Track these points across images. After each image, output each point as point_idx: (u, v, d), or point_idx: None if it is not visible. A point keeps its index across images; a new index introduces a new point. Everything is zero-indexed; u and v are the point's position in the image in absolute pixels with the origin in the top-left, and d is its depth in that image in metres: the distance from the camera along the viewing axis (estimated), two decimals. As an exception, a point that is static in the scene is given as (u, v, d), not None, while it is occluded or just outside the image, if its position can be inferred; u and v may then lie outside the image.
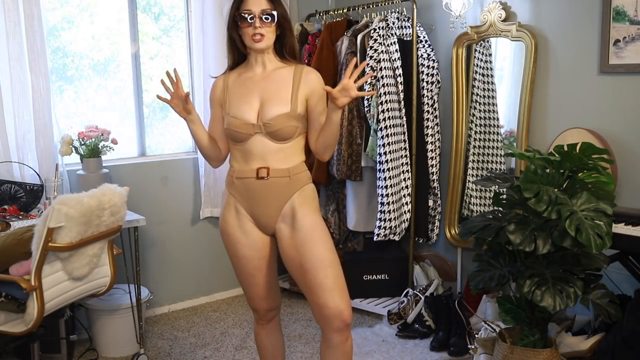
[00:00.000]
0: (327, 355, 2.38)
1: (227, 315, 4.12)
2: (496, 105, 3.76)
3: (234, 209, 2.44)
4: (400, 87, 3.83)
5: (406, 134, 3.89)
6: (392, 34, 3.83)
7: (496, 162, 3.77)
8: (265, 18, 2.31)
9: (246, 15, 2.31)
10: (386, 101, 3.76)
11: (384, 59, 3.78)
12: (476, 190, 3.83)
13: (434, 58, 3.82)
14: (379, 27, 3.82)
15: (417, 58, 3.83)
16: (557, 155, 2.56)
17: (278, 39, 2.40)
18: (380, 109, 3.76)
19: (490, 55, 3.74)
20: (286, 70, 2.40)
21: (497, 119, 3.77)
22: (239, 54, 2.44)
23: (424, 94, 3.85)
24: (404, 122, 3.87)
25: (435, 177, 3.94)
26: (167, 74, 2.44)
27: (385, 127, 3.75)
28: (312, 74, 2.41)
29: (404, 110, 3.87)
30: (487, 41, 3.70)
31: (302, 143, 2.45)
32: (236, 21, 2.35)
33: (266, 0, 2.33)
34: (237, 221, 2.44)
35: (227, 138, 2.48)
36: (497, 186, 2.80)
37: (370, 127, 3.86)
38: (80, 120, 3.83)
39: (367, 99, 3.84)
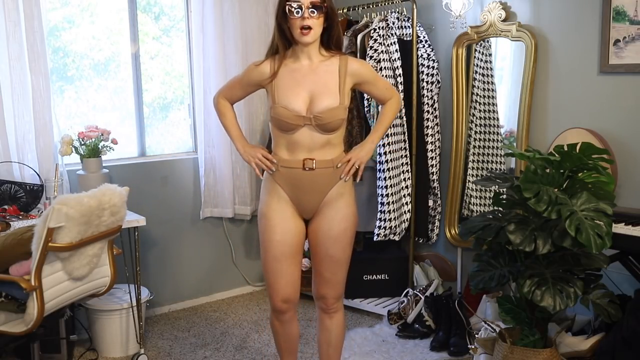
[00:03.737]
0: (318, 330, 2.78)
1: (227, 315, 4.12)
2: (496, 105, 3.76)
3: (277, 195, 2.56)
4: (400, 87, 3.83)
5: (406, 134, 3.89)
6: (392, 34, 3.83)
7: (496, 162, 3.77)
8: (312, 11, 2.39)
9: (295, 7, 2.40)
10: (386, 101, 3.76)
11: (384, 59, 3.78)
12: (476, 190, 3.83)
13: (434, 58, 3.82)
14: (379, 27, 3.81)
15: (417, 58, 3.83)
16: (557, 155, 2.56)
17: (325, 31, 2.49)
18: (380, 109, 3.75)
19: (490, 55, 3.74)
20: (331, 62, 2.52)
21: (497, 119, 3.77)
22: (287, 42, 2.51)
23: (424, 94, 3.85)
24: (404, 122, 3.87)
25: (435, 177, 3.93)
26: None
27: (385, 127, 3.75)
28: (356, 63, 2.56)
29: (404, 110, 3.86)
30: (487, 41, 3.69)
31: (344, 132, 2.60)
32: (285, 12, 2.43)
33: None
34: (279, 206, 2.56)
35: (237, 101, 2.73)
36: (497, 186, 2.80)
37: (371, 127, 3.86)
38: (80, 120, 3.83)
39: (367, 99, 3.84)
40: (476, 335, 3.23)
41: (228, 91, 2.71)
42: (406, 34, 3.89)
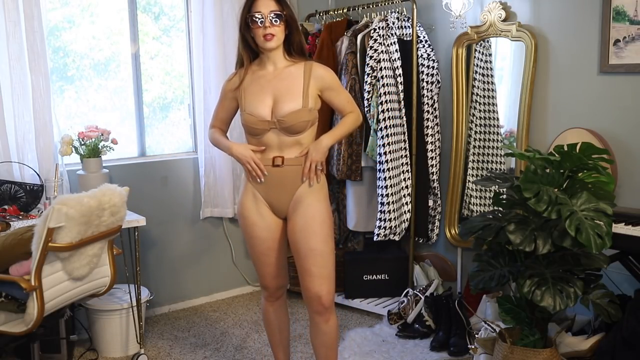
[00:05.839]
0: (312, 333, 2.72)
1: (227, 315, 4.12)
2: (496, 105, 3.76)
3: (252, 194, 2.66)
4: (400, 87, 3.83)
5: (406, 134, 3.89)
6: (392, 34, 3.83)
7: (496, 162, 3.77)
8: (274, 18, 2.51)
9: (257, 17, 2.51)
10: (386, 101, 3.76)
11: (384, 59, 3.78)
12: (476, 190, 3.83)
13: (434, 58, 3.82)
14: (379, 27, 3.82)
15: (417, 58, 3.83)
16: (557, 155, 2.56)
17: (286, 38, 2.60)
18: (380, 109, 3.76)
19: (490, 55, 3.74)
20: (295, 68, 2.60)
21: (497, 119, 3.77)
22: (252, 52, 2.63)
23: (424, 94, 3.85)
24: (404, 122, 3.87)
25: (435, 177, 3.93)
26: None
27: (385, 127, 3.75)
28: (320, 69, 2.63)
29: (404, 110, 3.87)
30: (487, 41, 3.69)
31: (314, 133, 2.65)
32: (248, 23, 2.55)
33: (274, 2, 2.53)
34: (255, 205, 2.66)
35: (229, 123, 2.79)
36: (497, 186, 2.80)
37: (370, 127, 3.86)
38: (80, 120, 3.83)
39: (367, 99, 3.84)
40: (476, 335, 3.23)
41: (214, 120, 2.80)
42: (406, 34, 3.89)
